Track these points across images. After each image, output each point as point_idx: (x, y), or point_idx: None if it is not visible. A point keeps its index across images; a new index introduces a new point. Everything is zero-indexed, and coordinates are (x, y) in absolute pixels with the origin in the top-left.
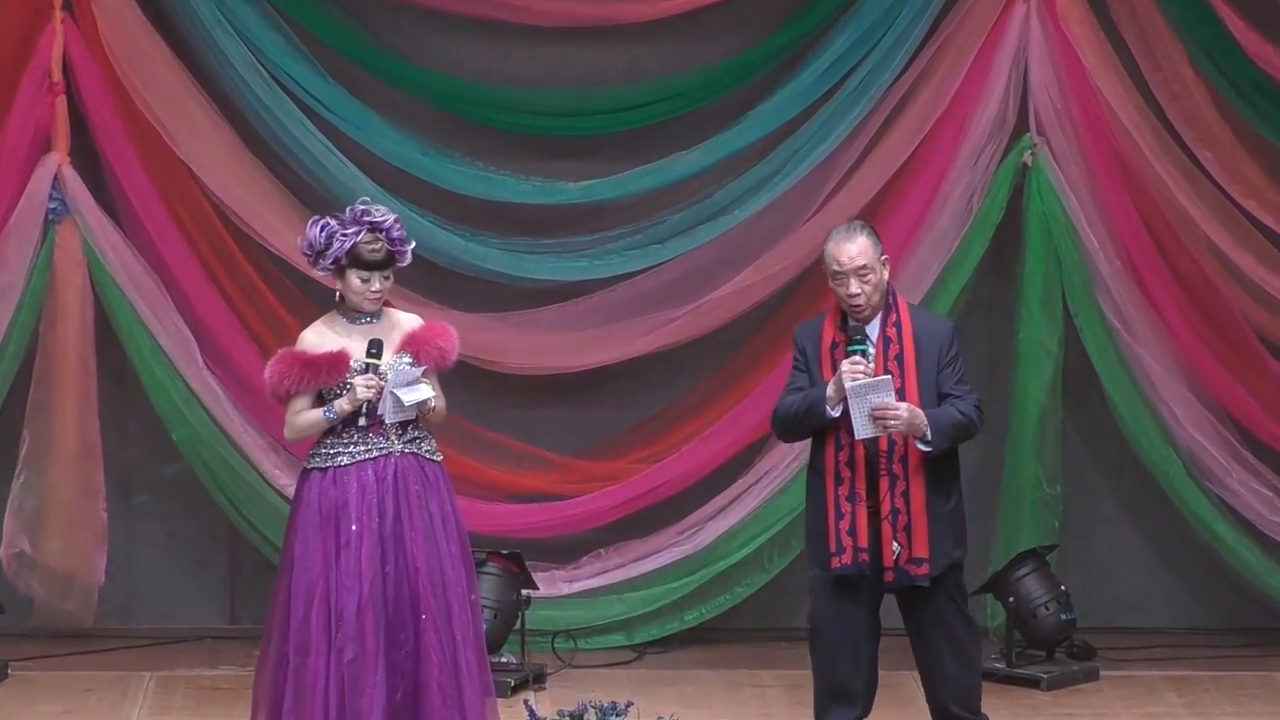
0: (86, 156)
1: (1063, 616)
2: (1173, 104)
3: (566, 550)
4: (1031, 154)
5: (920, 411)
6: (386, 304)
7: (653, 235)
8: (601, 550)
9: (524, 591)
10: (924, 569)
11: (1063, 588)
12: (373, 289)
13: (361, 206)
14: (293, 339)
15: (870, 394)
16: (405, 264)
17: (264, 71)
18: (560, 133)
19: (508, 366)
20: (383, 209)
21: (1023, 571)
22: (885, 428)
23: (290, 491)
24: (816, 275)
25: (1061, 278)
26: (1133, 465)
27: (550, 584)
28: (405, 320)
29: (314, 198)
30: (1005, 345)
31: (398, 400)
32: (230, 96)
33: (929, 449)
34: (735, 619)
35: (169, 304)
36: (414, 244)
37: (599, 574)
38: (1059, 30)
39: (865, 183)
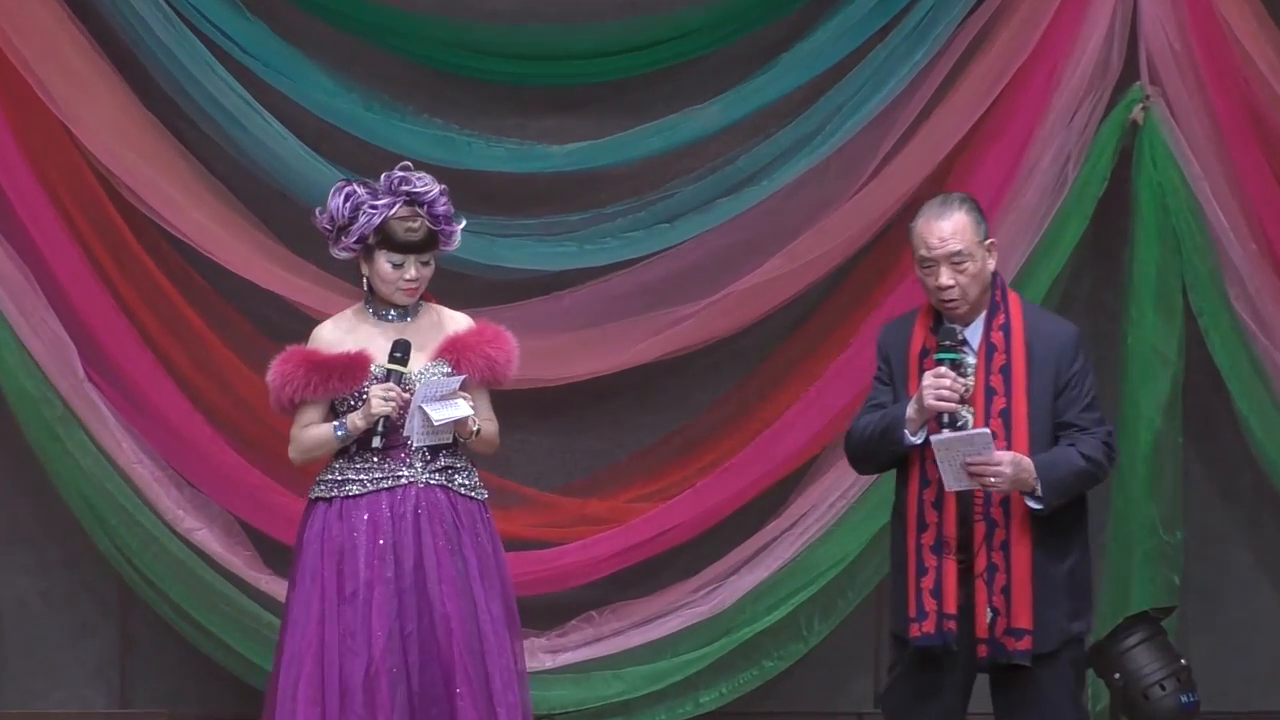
0: None
1: (1183, 699)
2: None
3: (549, 613)
4: (1143, 109)
5: (1027, 463)
6: (428, 298)
7: (659, 212)
8: (594, 613)
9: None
10: (1025, 643)
11: (1183, 662)
12: (407, 276)
13: (400, 174)
14: (201, 343)
15: (963, 449)
16: (451, 248)
17: (164, 4)
18: (542, 81)
19: None
20: (427, 178)
21: (1132, 641)
22: (981, 485)
23: (199, 537)
24: (868, 264)
25: (1181, 266)
26: (1273, 506)
27: (529, 656)
28: (452, 320)
29: (228, 165)
30: (1110, 353)
31: (426, 418)
32: (120, 36)
33: (1040, 508)
34: (765, 701)
35: (41, 301)
36: (464, 223)
37: (591, 643)
38: None
39: (929, 146)
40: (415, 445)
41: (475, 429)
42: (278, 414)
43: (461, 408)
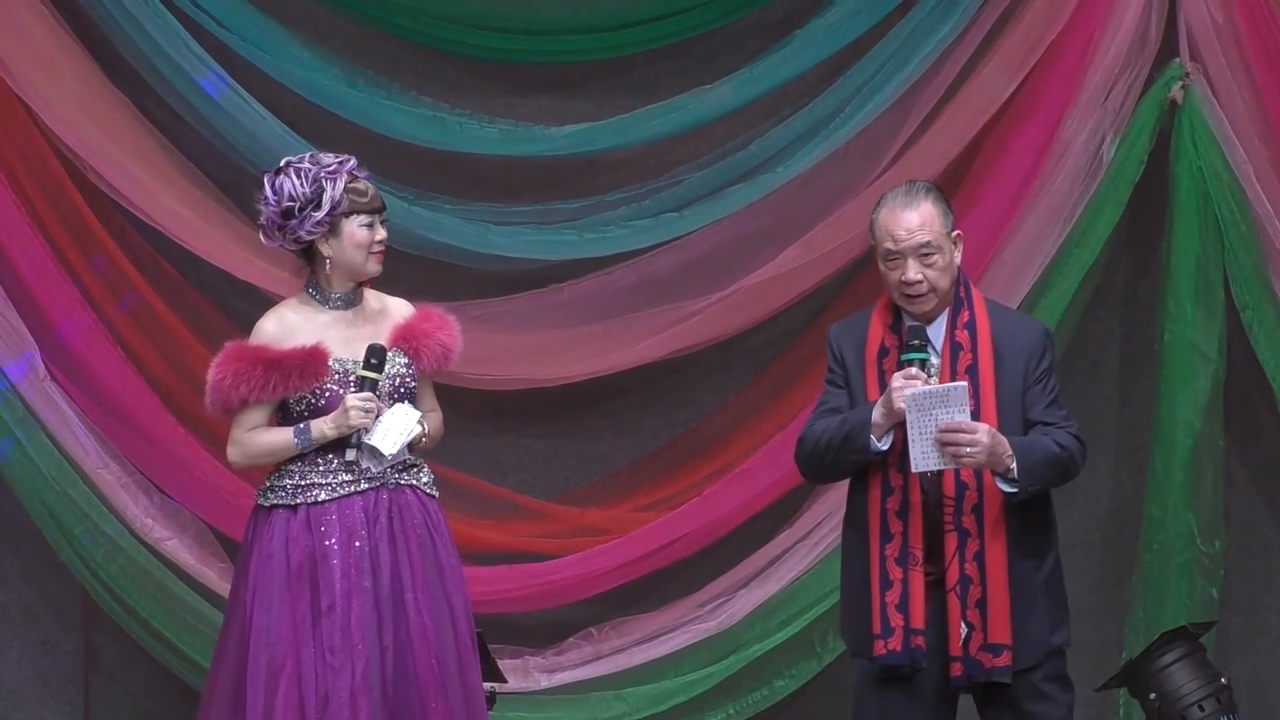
0: None
1: (1224, 719)
2: None
3: (546, 630)
4: (1182, 87)
5: (1003, 439)
6: (364, 283)
7: (666, 200)
8: (594, 630)
9: (488, 686)
10: (1005, 659)
11: (1224, 680)
12: (378, 237)
13: (310, 154)
14: (171, 338)
15: (937, 409)
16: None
17: None
18: (538, 58)
19: (465, 378)
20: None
21: (1169, 658)
22: (956, 459)
23: (169, 547)
24: None
25: (1223, 257)
26: None
27: (524, 675)
28: (394, 306)
29: (200, 146)
30: (1146, 350)
31: (376, 452)
32: (87, 9)
33: (1014, 491)
34: None
35: None
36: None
37: (590, 661)
38: None
39: (955, 127)
40: (373, 469)
41: (425, 428)
42: (218, 415)
43: (415, 430)
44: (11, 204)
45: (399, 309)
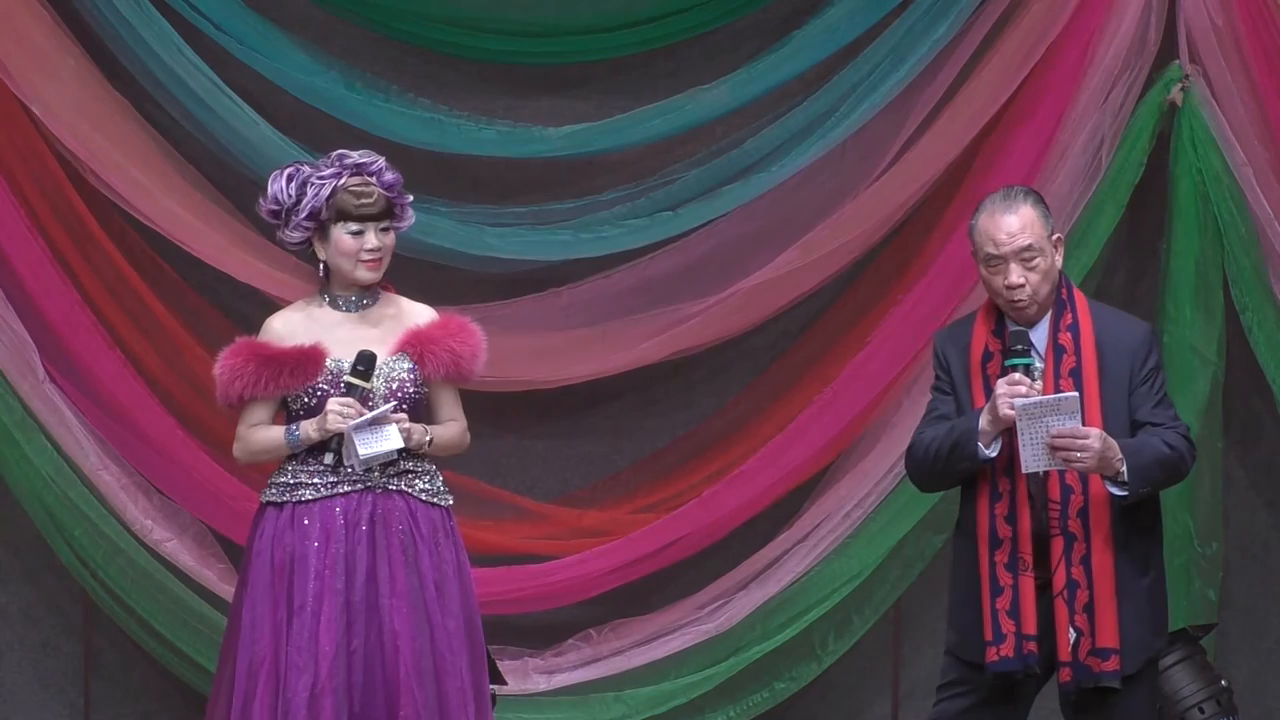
0: None
1: None
2: None
3: (545, 631)
4: (1182, 89)
5: (1114, 443)
6: (389, 289)
7: (662, 200)
8: (593, 631)
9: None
10: (1113, 663)
11: (1224, 683)
12: (368, 246)
13: (339, 152)
14: (171, 340)
15: (1049, 417)
16: (407, 223)
17: None
18: (536, 59)
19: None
20: (368, 151)
21: (1169, 661)
22: (1066, 461)
23: (169, 548)
24: (887, 257)
25: (1222, 259)
26: None
27: (522, 677)
28: (413, 312)
29: (197, 149)
30: None
31: (353, 446)
32: (84, 13)
33: (1124, 495)
34: None
35: None
36: (411, 198)
37: (589, 663)
38: None
39: (954, 129)
40: (352, 466)
41: (428, 439)
42: (224, 409)
43: (393, 439)
44: (10, 205)
45: (417, 314)
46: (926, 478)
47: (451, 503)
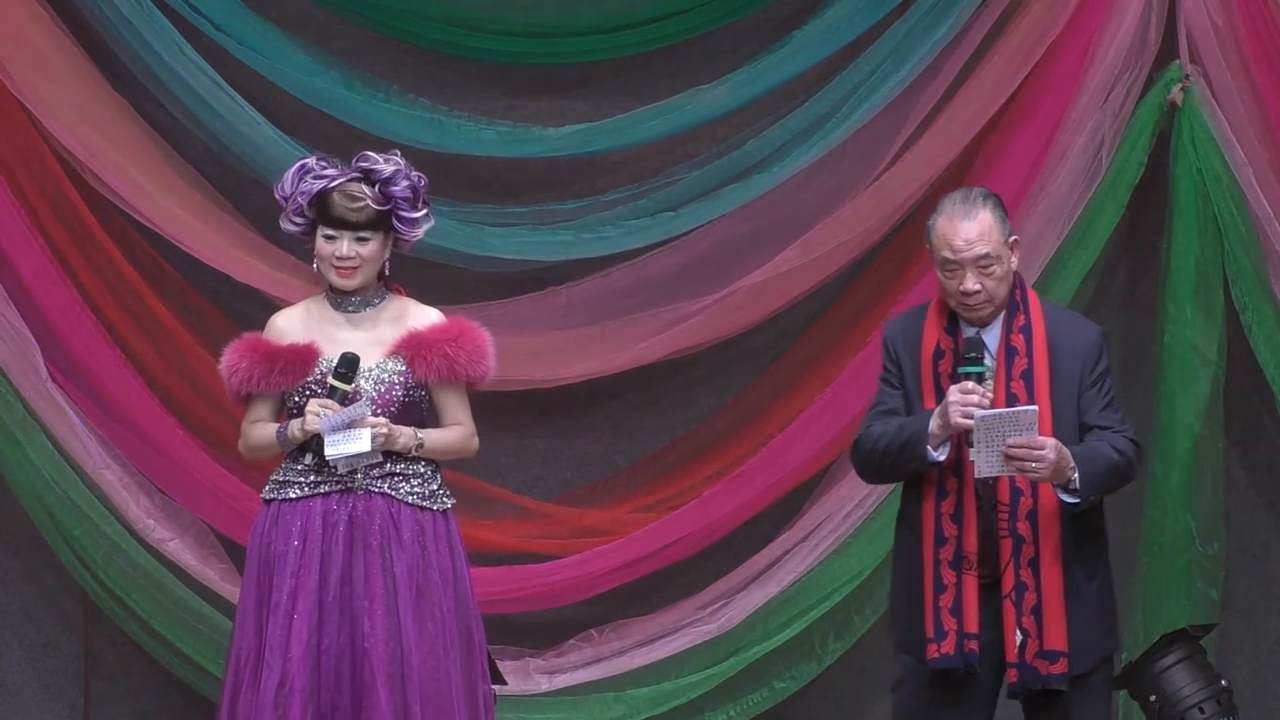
0: None
1: None
2: None
3: (546, 631)
4: (1182, 89)
5: (1067, 451)
6: (399, 291)
7: (662, 200)
8: (593, 631)
9: (490, 690)
10: (1061, 666)
11: (1224, 683)
12: (338, 253)
13: (369, 152)
14: (172, 339)
15: (1007, 429)
16: (411, 236)
17: None
18: (536, 60)
19: None
20: (395, 159)
21: (1169, 661)
22: (1021, 470)
23: (170, 548)
24: (887, 256)
25: (1223, 259)
26: None
27: (524, 677)
28: (418, 315)
29: (197, 149)
30: (1145, 352)
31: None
32: (84, 13)
33: (1075, 502)
34: None
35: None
36: (426, 213)
37: (590, 664)
38: None
39: (954, 129)
40: (336, 465)
41: (416, 442)
42: (233, 404)
43: (363, 441)
44: (11, 206)
45: (421, 317)
46: (873, 474)
47: (450, 506)
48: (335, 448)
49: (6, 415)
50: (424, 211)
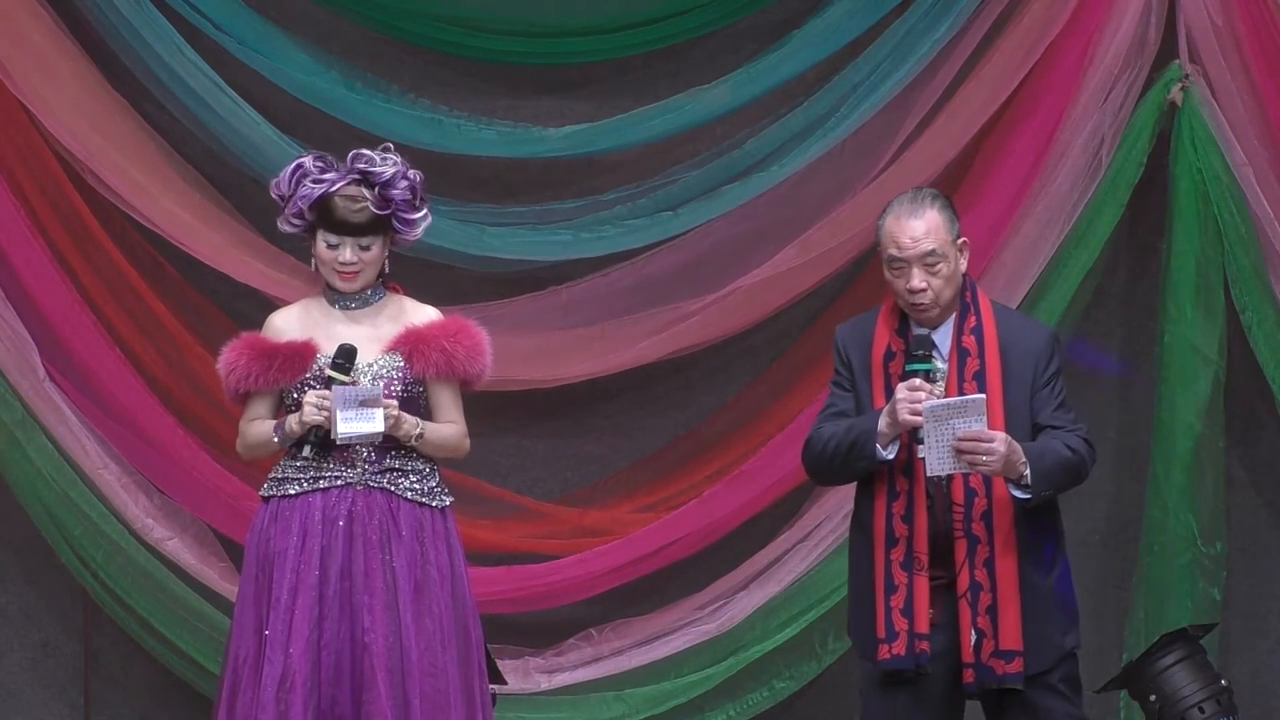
0: None
1: None
2: None
3: (545, 630)
4: (1182, 89)
5: (1018, 446)
6: (396, 289)
7: (662, 200)
8: (593, 631)
9: (488, 687)
10: (1016, 665)
11: (1224, 683)
12: (341, 259)
13: (365, 152)
14: (171, 339)
15: (955, 419)
16: (409, 237)
17: None
18: (536, 60)
19: None
20: (393, 159)
21: (1170, 660)
22: (972, 466)
23: (170, 547)
24: None
25: (1223, 259)
26: None
27: (523, 676)
28: (416, 313)
29: (201, 149)
30: (1145, 351)
31: (335, 422)
32: (84, 13)
33: (1028, 498)
34: None
35: None
36: (424, 213)
37: (590, 663)
38: None
39: (953, 128)
40: (339, 441)
41: (417, 431)
42: (231, 404)
43: (376, 422)
44: (10, 205)
45: (419, 315)
46: (823, 474)
47: (448, 504)
48: (348, 425)
49: (6, 415)
50: (423, 211)
